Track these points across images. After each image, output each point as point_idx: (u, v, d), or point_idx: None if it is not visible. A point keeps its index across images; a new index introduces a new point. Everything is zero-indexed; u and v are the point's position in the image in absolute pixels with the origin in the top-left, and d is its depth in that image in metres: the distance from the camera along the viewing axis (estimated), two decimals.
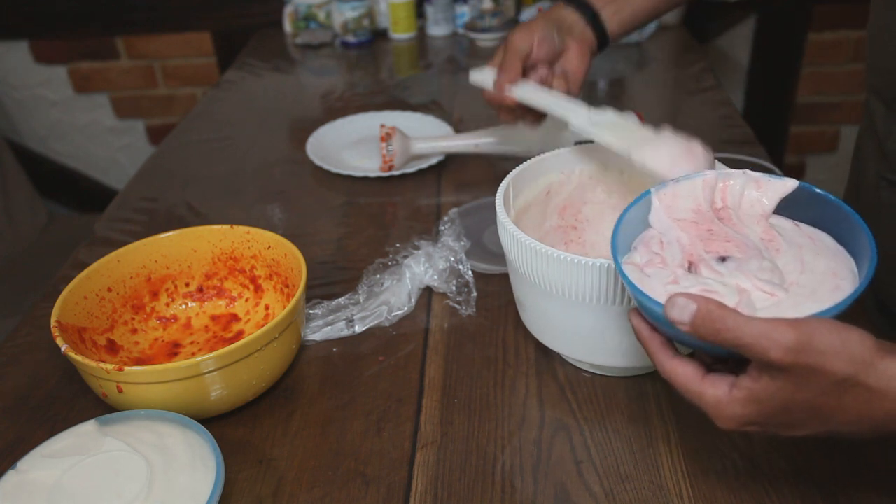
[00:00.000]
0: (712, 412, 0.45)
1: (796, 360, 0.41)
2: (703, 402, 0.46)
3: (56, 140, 2.08)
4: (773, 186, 0.54)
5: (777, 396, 0.43)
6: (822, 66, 1.91)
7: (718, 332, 0.42)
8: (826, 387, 0.42)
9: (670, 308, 0.43)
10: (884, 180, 0.80)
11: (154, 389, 0.59)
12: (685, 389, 0.46)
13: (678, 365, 0.47)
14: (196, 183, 1.05)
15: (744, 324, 0.42)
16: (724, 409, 0.45)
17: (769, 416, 0.44)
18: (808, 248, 0.50)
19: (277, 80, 1.45)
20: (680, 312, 0.43)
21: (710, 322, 0.42)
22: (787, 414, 0.44)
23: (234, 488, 0.58)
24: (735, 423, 0.45)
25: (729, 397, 0.44)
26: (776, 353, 0.41)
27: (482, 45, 1.56)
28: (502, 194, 0.66)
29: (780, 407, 0.43)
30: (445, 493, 0.57)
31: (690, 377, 0.46)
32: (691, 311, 0.43)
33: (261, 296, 0.75)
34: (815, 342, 0.41)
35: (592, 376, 0.67)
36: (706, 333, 0.42)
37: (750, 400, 0.44)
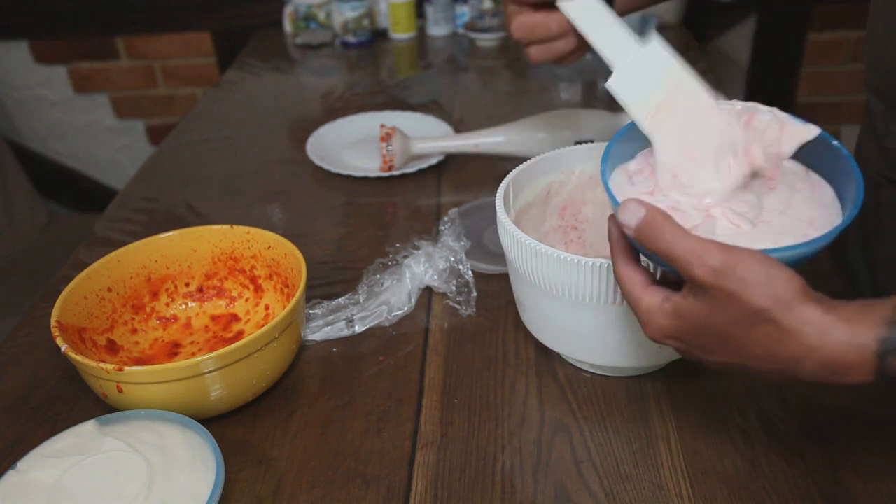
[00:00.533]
0: (642, 318, 0.48)
1: (716, 281, 0.42)
2: (638, 308, 0.48)
3: (56, 140, 2.08)
4: (795, 130, 0.53)
5: (695, 315, 0.44)
6: (822, 66, 1.91)
7: (655, 240, 0.44)
8: (739, 315, 0.43)
9: (621, 210, 0.46)
10: (884, 178, 0.80)
11: (154, 389, 0.59)
12: (627, 293, 0.48)
13: (630, 269, 0.49)
14: (196, 183, 1.05)
15: (680, 238, 0.43)
16: (652, 317, 0.47)
17: (687, 333, 0.46)
18: (802, 194, 0.50)
19: (277, 80, 1.45)
20: (629, 216, 0.45)
21: (651, 230, 0.44)
22: (702, 336, 0.45)
23: (234, 488, 0.58)
24: (659, 333, 0.47)
25: (659, 307, 0.46)
26: (699, 270, 0.42)
27: (482, 45, 1.56)
28: (502, 194, 0.66)
29: (697, 327, 0.45)
30: (445, 493, 0.57)
31: (635, 282, 0.48)
32: (639, 217, 0.45)
33: (261, 296, 0.75)
34: (739, 270, 0.42)
35: (592, 376, 0.67)
36: (645, 240, 0.45)
37: (674, 314, 0.46)
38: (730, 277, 0.42)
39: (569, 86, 1.36)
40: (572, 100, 1.30)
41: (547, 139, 0.98)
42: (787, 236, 0.47)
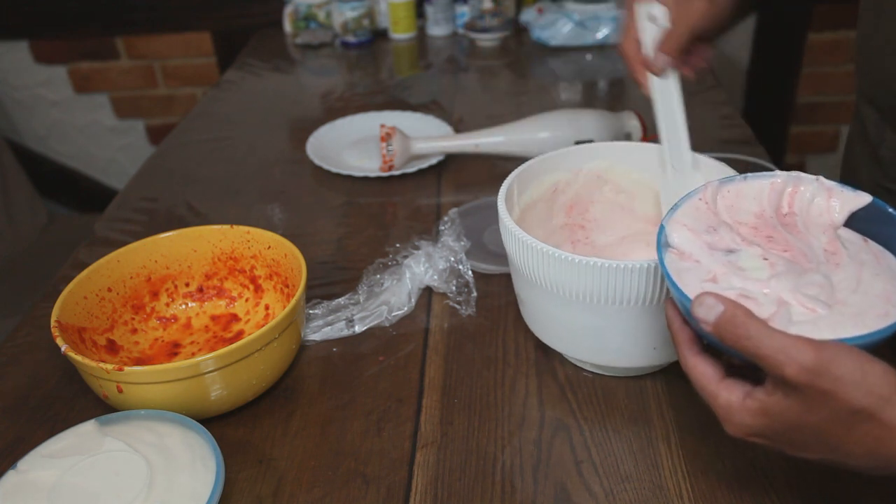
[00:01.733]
0: (722, 415, 0.45)
1: (811, 381, 0.40)
2: (716, 404, 0.45)
3: (56, 140, 2.08)
4: (844, 197, 0.51)
5: (786, 415, 0.42)
6: (822, 66, 1.91)
7: (739, 338, 0.42)
8: (838, 415, 0.41)
9: (697, 306, 0.43)
10: (879, 188, 0.79)
11: (154, 389, 0.59)
12: (701, 387, 0.46)
13: (700, 363, 0.46)
14: (196, 183, 1.05)
15: (765, 335, 0.41)
16: (734, 416, 0.44)
17: (776, 432, 0.44)
18: (869, 267, 0.48)
19: (277, 80, 1.45)
20: (706, 312, 0.43)
21: (733, 327, 0.42)
22: (795, 433, 0.43)
23: (234, 488, 0.58)
24: (742, 431, 0.45)
25: (741, 405, 0.44)
26: (791, 370, 0.40)
27: (482, 45, 1.56)
28: (505, 192, 0.66)
29: (788, 425, 0.43)
30: (445, 493, 0.57)
31: (709, 377, 0.46)
32: (717, 313, 0.42)
33: (261, 296, 0.75)
34: (834, 368, 0.40)
35: (593, 376, 0.67)
36: (727, 338, 0.42)
37: (760, 412, 0.43)
38: (825, 376, 0.40)
39: (569, 86, 1.36)
40: (572, 100, 1.30)
41: (547, 139, 0.98)
42: (868, 317, 0.44)
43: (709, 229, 0.51)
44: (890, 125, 0.76)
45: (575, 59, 1.45)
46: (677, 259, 0.49)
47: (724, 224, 0.51)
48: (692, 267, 0.48)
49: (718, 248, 0.50)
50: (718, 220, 0.52)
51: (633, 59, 0.69)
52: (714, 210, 0.52)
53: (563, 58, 1.46)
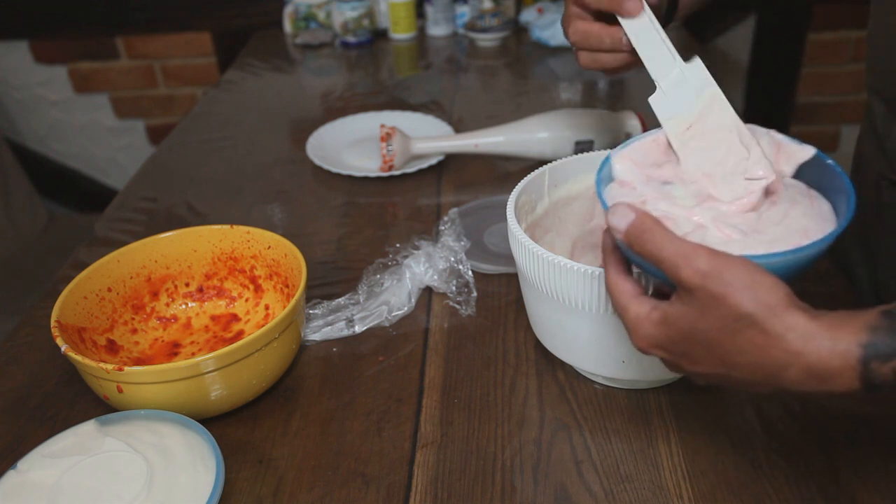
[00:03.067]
0: (630, 327, 0.48)
1: (703, 284, 0.42)
2: (626, 317, 0.48)
3: (56, 140, 2.08)
4: (792, 150, 0.54)
5: (682, 321, 0.44)
6: (822, 66, 1.91)
7: (644, 243, 0.44)
8: (725, 320, 0.42)
9: (611, 214, 0.46)
10: (885, 180, 0.80)
11: (154, 389, 0.59)
12: (616, 302, 0.49)
13: (621, 280, 0.49)
14: (196, 183, 1.05)
15: (668, 240, 0.44)
16: (640, 326, 0.47)
17: (673, 341, 0.46)
18: (801, 207, 0.51)
19: (277, 80, 1.45)
20: (618, 220, 0.46)
21: (640, 233, 0.45)
22: (689, 343, 0.45)
23: (234, 488, 0.58)
24: (646, 342, 0.47)
25: (647, 316, 0.46)
26: (686, 271, 0.43)
27: (482, 45, 1.56)
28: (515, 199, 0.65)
29: (682, 333, 0.45)
30: (445, 493, 0.57)
31: (624, 292, 0.48)
32: (628, 220, 0.45)
33: (261, 296, 0.75)
34: (727, 273, 0.42)
35: (590, 377, 0.67)
36: (634, 243, 0.45)
37: (661, 321, 0.46)
38: (716, 280, 0.42)
39: (569, 86, 1.36)
40: (572, 100, 1.30)
41: (547, 139, 0.98)
42: (778, 245, 0.47)
43: (654, 165, 0.54)
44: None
45: (575, 59, 1.45)
46: (617, 187, 0.52)
47: (670, 163, 0.54)
48: (627, 193, 0.51)
49: (656, 178, 0.53)
50: (667, 159, 0.55)
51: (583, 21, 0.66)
52: (665, 151, 0.55)
53: (563, 58, 1.46)
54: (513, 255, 0.63)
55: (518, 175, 1.01)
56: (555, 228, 0.72)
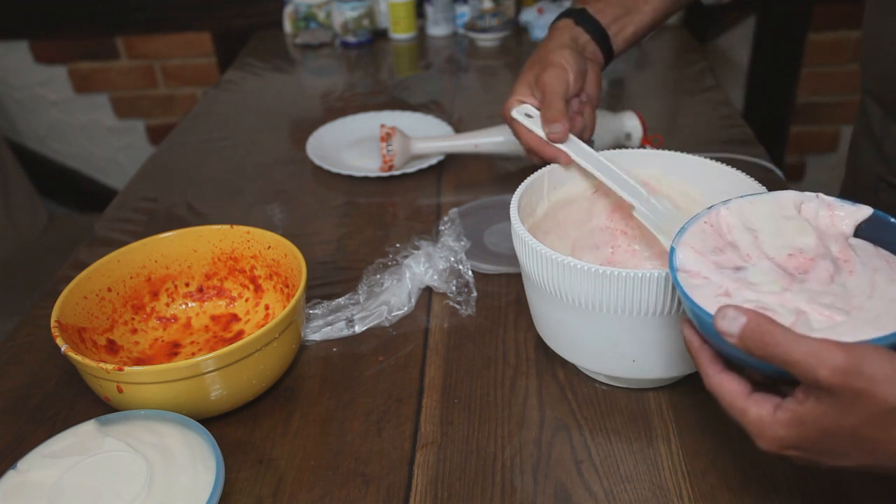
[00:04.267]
0: (754, 430, 0.44)
1: (844, 382, 0.39)
2: (746, 420, 0.44)
3: (56, 140, 2.08)
4: (847, 210, 0.52)
5: (821, 421, 0.41)
6: (822, 66, 1.91)
7: (766, 346, 0.41)
8: (873, 415, 0.40)
9: (720, 319, 0.43)
10: (882, 182, 0.80)
11: (154, 389, 0.59)
12: (730, 404, 0.45)
13: (725, 379, 0.46)
14: (196, 183, 1.05)
15: (793, 341, 0.40)
16: (767, 429, 0.44)
17: (812, 440, 0.43)
18: (883, 272, 0.48)
19: (277, 80, 1.45)
20: (729, 324, 0.42)
21: (759, 336, 0.41)
22: (831, 440, 0.42)
23: (234, 488, 0.58)
24: (776, 444, 0.44)
25: (772, 417, 0.43)
26: (824, 372, 0.39)
27: (482, 45, 1.56)
28: (519, 197, 0.65)
29: (823, 432, 0.42)
30: (445, 493, 0.57)
31: (736, 393, 0.45)
32: (741, 324, 0.42)
33: (261, 296, 0.75)
34: (866, 366, 0.39)
35: (593, 376, 0.67)
36: (754, 347, 0.42)
37: (793, 422, 0.42)
38: (857, 376, 0.39)
39: None
40: None
41: None
42: (886, 319, 0.44)
43: (715, 250, 0.51)
44: (894, 120, 0.76)
45: None
46: (687, 278, 0.49)
47: (729, 245, 0.52)
48: (702, 283, 0.48)
49: (726, 266, 0.50)
50: (724, 242, 0.52)
51: (542, 149, 0.72)
52: (719, 232, 0.53)
53: None
54: (517, 255, 0.63)
55: (518, 175, 1.01)
56: (555, 231, 0.72)
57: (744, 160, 0.99)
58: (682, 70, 1.40)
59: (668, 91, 1.34)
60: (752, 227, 0.53)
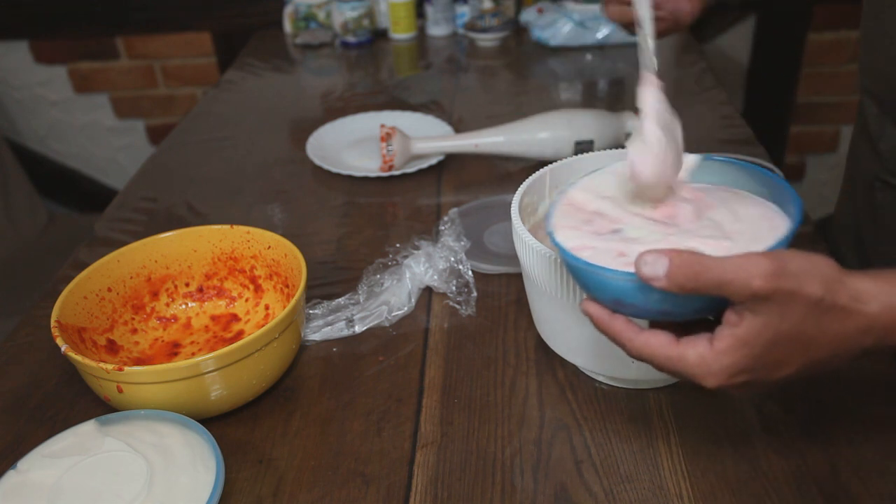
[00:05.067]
0: (698, 371, 0.44)
1: (777, 285, 0.41)
2: (686, 365, 0.44)
3: (56, 140, 2.08)
4: None
5: (762, 333, 0.42)
6: (822, 66, 1.91)
7: (698, 275, 0.41)
8: (806, 311, 0.42)
9: (641, 266, 0.43)
10: (878, 181, 0.80)
11: (154, 389, 0.59)
12: (664, 357, 0.45)
13: (650, 336, 0.46)
14: (196, 183, 1.05)
15: (721, 261, 0.42)
16: (711, 364, 0.44)
17: (757, 357, 0.43)
18: (733, 200, 0.52)
19: (277, 80, 1.45)
20: (652, 268, 0.42)
21: (688, 267, 0.42)
22: (775, 350, 0.43)
23: (234, 488, 0.58)
24: (724, 375, 0.44)
25: (712, 350, 0.43)
26: (758, 281, 0.41)
27: (482, 45, 1.56)
28: (520, 195, 0.65)
29: (766, 344, 0.43)
30: (445, 493, 0.57)
31: (665, 344, 0.45)
32: (664, 264, 0.42)
33: (261, 296, 0.75)
34: (790, 266, 0.41)
35: (593, 376, 0.67)
36: (685, 281, 0.42)
37: (735, 345, 0.43)
38: (786, 276, 0.41)
39: (569, 86, 1.36)
40: (572, 100, 1.30)
41: (547, 139, 0.98)
42: (762, 234, 0.48)
43: (586, 222, 0.54)
44: (890, 119, 0.77)
45: (575, 59, 1.45)
46: (577, 252, 0.50)
47: (595, 214, 0.55)
48: (592, 253, 0.49)
49: (604, 232, 0.52)
50: (589, 213, 0.55)
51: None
52: (580, 208, 0.56)
53: (563, 58, 1.46)
54: (518, 255, 0.63)
55: (518, 175, 1.01)
56: None
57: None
58: (682, 70, 1.40)
59: (668, 91, 1.34)
60: (607, 196, 0.56)
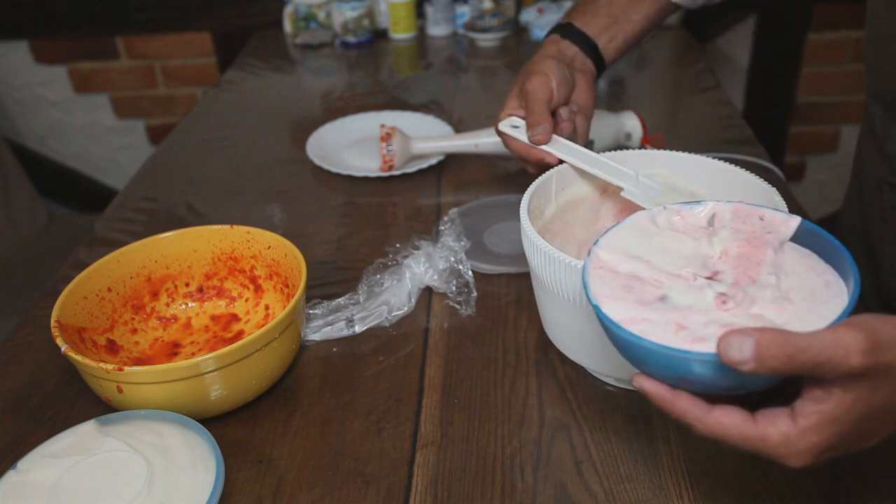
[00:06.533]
0: (782, 451, 0.41)
1: (875, 361, 0.38)
2: (767, 445, 0.41)
3: (56, 140, 2.08)
4: (694, 212, 0.53)
5: (854, 409, 0.40)
6: (822, 66, 1.91)
7: (791, 357, 0.38)
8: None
9: (727, 349, 0.38)
10: (885, 183, 0.80)
11: (154, 389, 0.59)
12: (741, 438, 0.42)
13: (721, 415, 0.42)
14: (196, 183, 1.05)
15: (812, 339, 0.38)
16: (797, 444, 0.40)
17: (846, 434, 0.40)
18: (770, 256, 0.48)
19: (277, 80, 1.45)
20: (739, 352, 0.38)
21: (779, 349, 0.38)
22: (864, 425, 0.41)
23: (234, 488, 0.58)
24: (811, 454, 0.41)
25: (797, 428, 0.40)
26: (856, 358, 0.38)
27: (482, 45, 1.56)
28: (529, 196, 0.65)
29: (857, 420, 0.40)
30: (445, 493, 0.57)
31: (741, 423, 0.41)
32: (751, 347, 0.38)
33: (261, 296, 0.75)
34: (882, 337, 0.38)
35: (593, 376, 0.67)
36: (776, 363, 0.38)
37: (823, 423, 0.40)
38: (881, 350, 0.38)
39: None
40: None
41: None
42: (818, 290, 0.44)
43: (626, 289, 0.48)
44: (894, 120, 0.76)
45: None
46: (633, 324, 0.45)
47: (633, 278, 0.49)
48: (647, 327, 0.44)
49: (650, 300, 0.47)
50: (626, 278, 0.49)
51: (529, 154, 0.75)
52: (614, 271, 0.50)
53: None
54: (527, 258, 0.63)
55: (518, 175, 1.01)
56: (562, 233, 0.72)
57: (744, 160, 0.99)
58: (682, 70, 1.40)
59: (668, 91, 1.34)
60: (636, 255, 0.50)
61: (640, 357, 0.44)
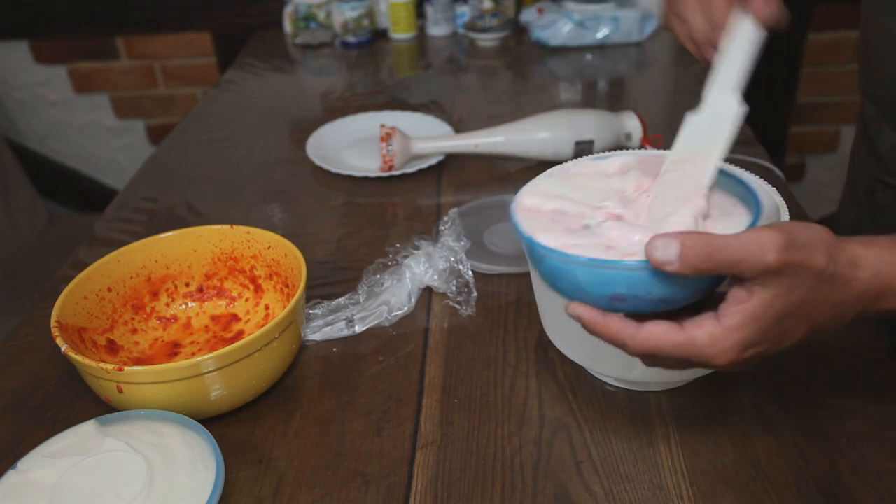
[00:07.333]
0: (709, 351, 0.43)
1: (789, 258, 0.41)
2: (696, 347, 0.44)
3: (56, 140, 2.08)
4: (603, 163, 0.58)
5: (773, 305, 0.42)
6: (822, 66, 1.91)
7: (711, 255, 0.41)
8: (812, 281, 0.42)
9: (652, 250, 0.41)
10: (878, 182, 0.80)
11: (154, 389, 0.59)
12: (672, 345, 0.44)
13: (651, 327, 0.44)
14: (196, 183, 1.05)
15: (732, 239, 0.41)
16: (722, 342, 0.43)
17: (767, 330, 0.43)
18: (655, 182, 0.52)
19: (277, 80, 1.45)
20: (664, 252, 0.41)
21: (700, 248, 0.41)
22: (783, 321, 0.43)
23: (234, 488, 0.58)
24: (736, 351, 0.43)
25: (721, 327, 0.43)
26: (772, 255, 0.41)
27: (482, 45, 1.56)
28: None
29: (776, 316, 0.43)
30: (445, 493, 0.57)
31: (670, 331, 0.44)
32: (675, 247, 0.41)
33: (261, 296, 0.75)
34: (797, 237, 0.41)
35: (593, 376, 0.67)
36: (699, 262, 0.41)
37: (745, 321, 0.43)
38: (796, 249, 0.41)
39: (569, 86, 1.36)
40: (572, 100, 1.30)
41: (547, 139, 0.98)
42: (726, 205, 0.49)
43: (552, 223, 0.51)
44: (887, 120, 0.77)
45: (575, 59, 1.45)
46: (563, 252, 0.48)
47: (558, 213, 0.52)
48: (578, 252, 0.46)
49: (577, 228, 0.50)
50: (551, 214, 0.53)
51: None
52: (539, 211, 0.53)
53: (563, 58, 1.46)
54: (527, 257, 0.63)
55: (518, 175, 1.01)
56: None
57: (744, 160, 0.99)
58: (682, 70, 1.40)
59: (668, 91, 1.34)
60: (558, 195, 0.54)
61: (575, 278, 0.46)
